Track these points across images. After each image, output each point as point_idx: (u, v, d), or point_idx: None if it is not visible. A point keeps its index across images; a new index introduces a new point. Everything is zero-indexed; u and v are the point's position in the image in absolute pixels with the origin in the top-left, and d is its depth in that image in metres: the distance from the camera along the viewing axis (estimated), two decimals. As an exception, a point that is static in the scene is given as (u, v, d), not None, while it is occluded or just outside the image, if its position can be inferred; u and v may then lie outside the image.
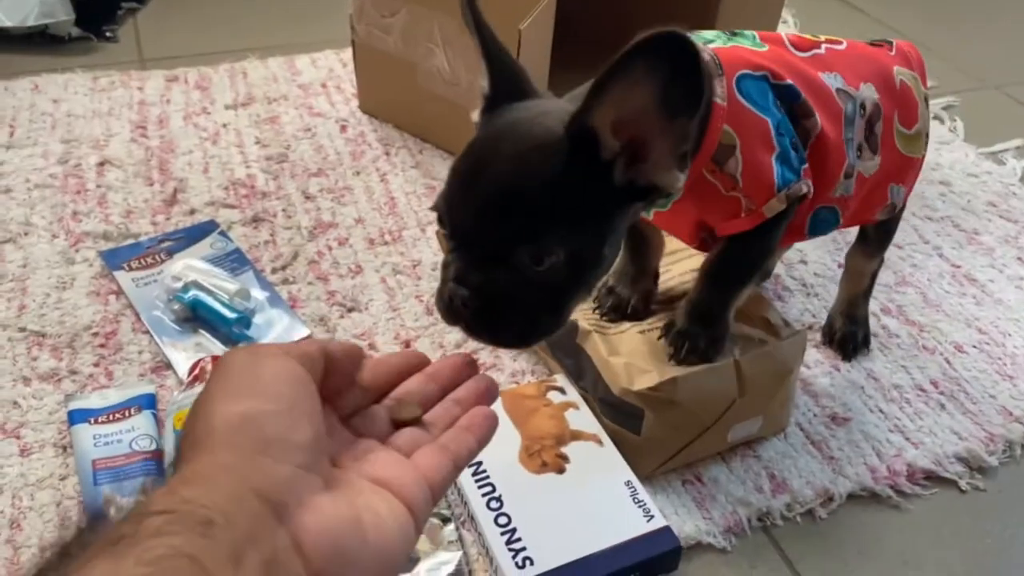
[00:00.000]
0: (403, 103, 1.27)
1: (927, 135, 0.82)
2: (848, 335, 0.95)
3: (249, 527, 0.32)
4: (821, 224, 0.78)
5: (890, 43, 0.81)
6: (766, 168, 0.68)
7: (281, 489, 0.34)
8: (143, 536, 0.29)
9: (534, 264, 0.57)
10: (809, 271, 1.07)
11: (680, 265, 0.92)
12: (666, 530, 0.72)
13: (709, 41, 0.71)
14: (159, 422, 0.81)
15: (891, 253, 0.99)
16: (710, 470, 0.82)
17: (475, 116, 0.66)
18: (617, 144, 0.56)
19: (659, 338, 0.79)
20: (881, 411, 0.89)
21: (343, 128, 1.29)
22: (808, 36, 0.75)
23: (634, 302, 0.86)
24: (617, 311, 0.85)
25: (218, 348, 0.91)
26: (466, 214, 0.58)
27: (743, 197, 0.69)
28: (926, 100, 0.81)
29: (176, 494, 0.32)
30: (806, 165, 0.71)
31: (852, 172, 0.75)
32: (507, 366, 0.91)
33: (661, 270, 0.88)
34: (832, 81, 0.73)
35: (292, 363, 0.40)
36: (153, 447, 0.78)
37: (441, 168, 1.22)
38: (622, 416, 0.78)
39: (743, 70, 0.68)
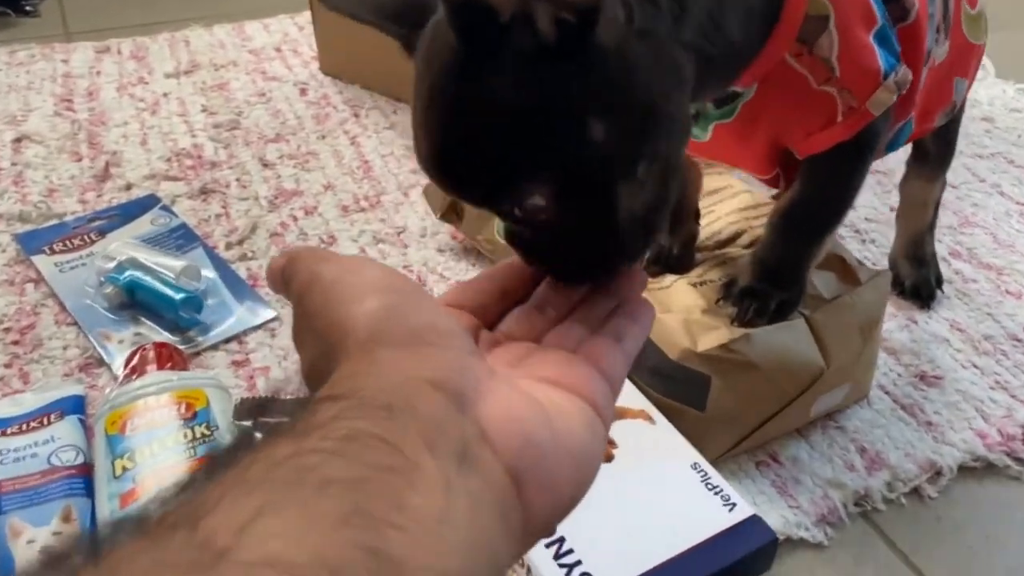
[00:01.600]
0: (372, 59, 1.09)
1: (986, 19, 0.67)
2: (920, 280, 0.80)
3: (433, 414, 0.26)
4: (900, 138, 0.63)
5: None
6: (867, 49, 0.52)
7: (455, 376, 0.28)
8: (320, 423, 0.24)
9: (532, 223, 0.38)
10: (859, 216, 0.92)
11: (724, 205, 0.76)
12: (755, 520, 0.55)
13: None
14: (88, 429, 0.63)
15: (947, 194, 0.85)
16: (787, 447, 0.66)
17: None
18: None
19: (718, 300, 0.63)
20: (976, 366, 0.74)
21: (303, 91, 1.12)
22: None
23: (676, 250, 0.70)
24: (657, 262, 0.69)
25: (163, 338, 0.73)
26: (440, 176, 0.39)
27: (840, 91, 0.53)
28: None
29: (341, 385, 0.27)
30: (898, 51, 0.56)
31: (927, 60, 0.60)
32: (522, 339, 0.74)
33: (703, 212, 0.72)
34: None
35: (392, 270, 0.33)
36: (80, 460, 0.60)
37: (420, 128, 1.05)
38: (679, 387, 0.62)
39: None
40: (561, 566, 0.52)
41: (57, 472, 0.58)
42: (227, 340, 0.73)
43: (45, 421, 0.63)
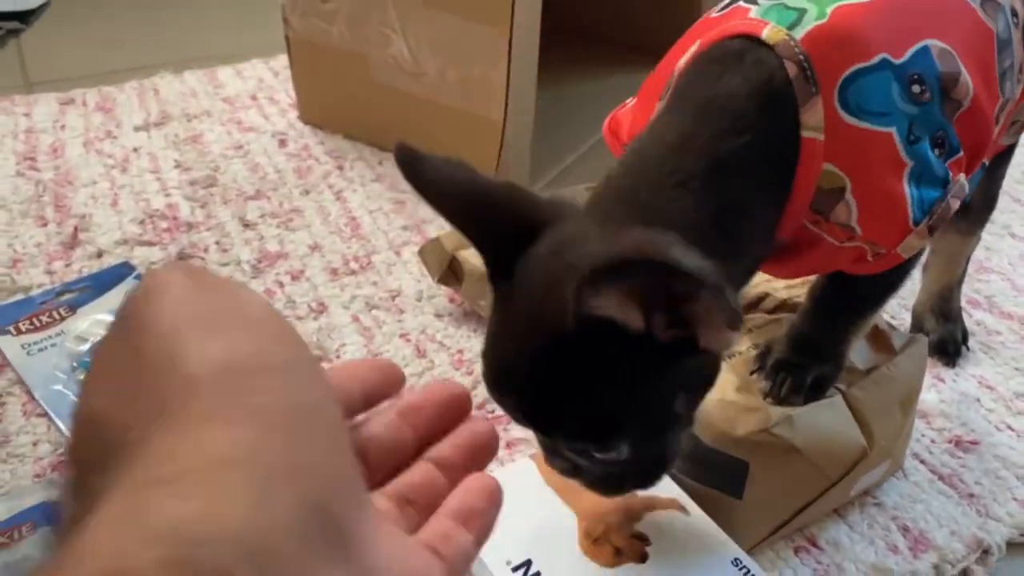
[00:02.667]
0: (354, 106, 1.05)
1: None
2: (946, 336, 0.77)
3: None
4: (974, 182, 0.59)
5: None
6: (895, 200, 0.49)
7: (338, 498, 0.21)
8: None
9: (603, 461, 0.46)
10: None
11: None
12: (808, 628, 0.51)
13: (792, 22, 0.49)
14: (64, 544, 0.57)
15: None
16: (826, 529, 0.62)
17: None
18: (640, 317, 0.40)
19: (752, 372, 0.59)
20: (1011, 428, 0.71)
21: (282, 142, 1.07)
22: None
23: (699, 319, 0.66)
24: (678, 330, 0.65)
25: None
26: (514, 408, 0.46)
27: (865, 243, 0.51)
28: None
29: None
30: (958, 155, 0.52)
31: (1005, 108, 0.57)
32: (534, 415, 0.69)
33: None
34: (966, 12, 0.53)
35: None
36: (56, 584, 0.53)
37: (408, 179, 1.00)
38: (714, 473, 0.57)
39: (853, 66, 0.49)
40: None
41: (31, 600, 0.52)
42: (214, 428, 0.67)
43: (15, 535, 0.56)
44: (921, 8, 0.53)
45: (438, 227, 0.92)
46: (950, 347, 0.76)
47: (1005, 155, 0.68)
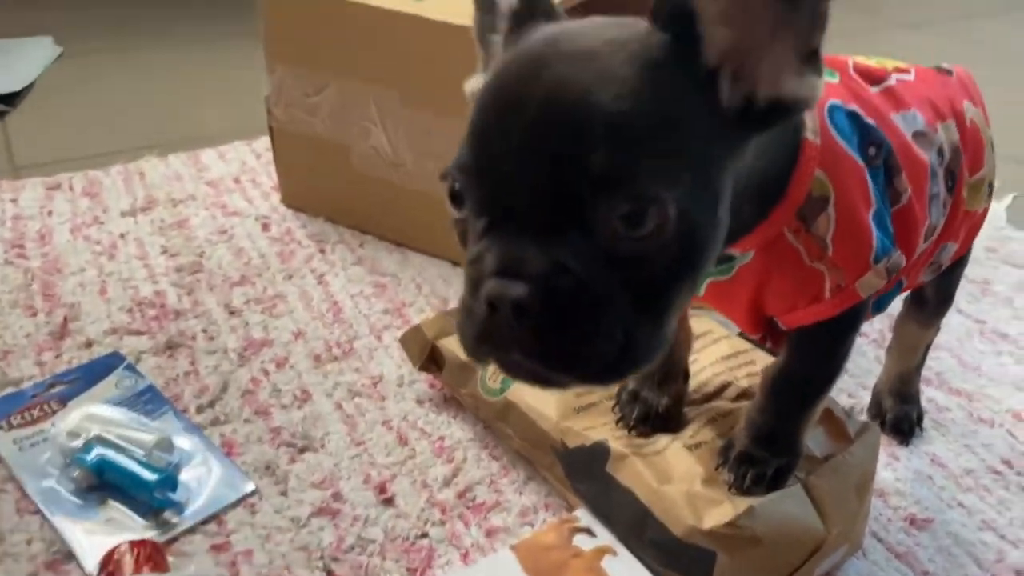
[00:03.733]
0: (335, 192, 1.09)
1: (991, 184, 0.69)
2: (902, 416, 0.81)
3: None
4: (886, 299, 0.65)
5: (949, 71, 0.68)
6: (864, 230, 0.53)
7: None
8: None
9: (631, 226, 0.39)
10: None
11: (707, 353, 0.76)
12: None
13: None
14: (61, 644, 0.59)
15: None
16: (790, 611, 0.65)
17: (472, 82, 0.52)
18: (725, 32, 0.41)
19: (717, 467, 0.63)
20: (961, 505, 0.75)
21: (265, 226, 1.11)
22: (872, 62, 0.62)
23: (664, 407, 0.69)
24: (647, 421, 0.69)
25: (136, 523, 0.69)
26: (512, 157, 0.40)
27: (829, 269, 0.54)
28: (991, 143, 0.69)
29: None
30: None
31: (933, 233, 0.62)
32: (512, 503, 0.72)
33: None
34: (910, 123, 0.59)
35: None
36: None
37: (388, 262, 1.04)
38: (683, 562, 0.61)
39: (833, 99, 0.55)
40: None
41: None
42: (205, 520, 0.70)
43: (13, 637, 0.58)
44: (878, 117, 0.58)
45: (418, 310, 0.96)
46: (905, 426, 0.81)
47: (964, 257, 0.73)
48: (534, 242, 0.40)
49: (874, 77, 0.60)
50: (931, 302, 0.76)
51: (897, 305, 0.80)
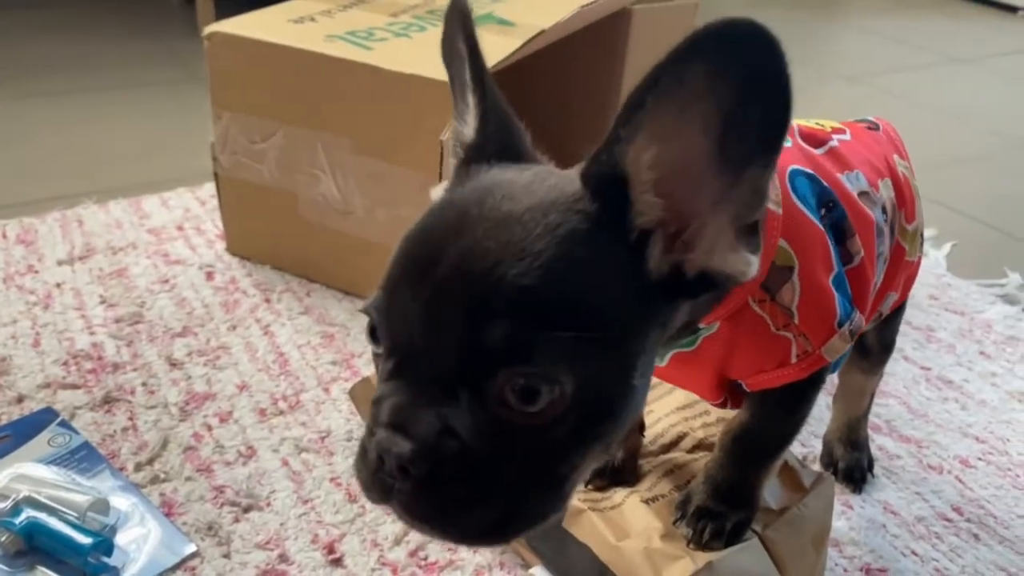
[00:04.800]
0: (282, 239, 1.07)
1: (922, 234, 0.71)
2: (853, 464, 0.81)
3: None
4: (842, 357, 0.65)
5: (876, 125, 0.70)
6: (827, 296, 0.53)
7: None
8: None
9: (523, 401, 0.39)
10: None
11: (661, 404, 0.76)
12: None
13: None
14: None
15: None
16: (750, 668, 0.64)
17: (435, 191, 0.49)
18: (657, 201, 0.40)
19: (675, 521, 0.62)
20: (915, 553, 0.75)
21: (209, 275, 1.08)
22: (812, 124, 0.64)
23: (620, 461, 0.68)
24: (603, 475, 0.68)
25: (67, 592, 0.65)
26: (418, 311, 0.40)
27: (796, 336, 0.54)
28: (918, 193, 0.70)
29: None
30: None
31: (873, 291, 0.63)
32: (467, 561, 0.70)
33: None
34: (855, 183, 0.60)
35: None
36: None
37: (337, 311, 1.02)
38: (643, 618, 0.59)
39: (793, 164, 0.55)
40: None
41: None
42: (141, 587, 0.66)
43: None
44: (828, 179, 0.59)
45: (367, 360, 0.94)
46: (857, 474, 0.81)
47: (903, 305, 0.74)
48: (428, 400, 0.40)
49: (817, 140, 0.61)
50: (874, 350, 0.77)
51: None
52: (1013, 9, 2.71)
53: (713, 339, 0.54)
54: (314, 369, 0.93)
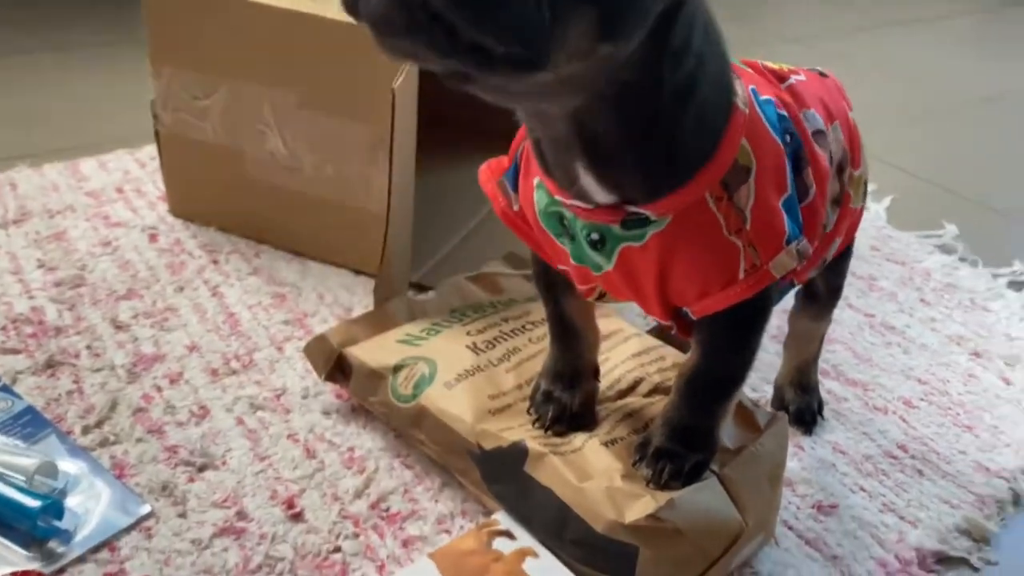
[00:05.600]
0: (228, 199, 1.05)
1: (866, 183, 0.73)
2: (804, 406, 0.83)
3: None
4: (782, 293, 0.66)
5: (825, 75, 0.71)
6: (777, 212, 0.54)
7: None
8: None
9: None
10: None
11: (617, 352, 0.77)
12: None
13: None
14: None
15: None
16: (709, 603, 0.65)
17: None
18: None
19: (634, 463, 0.63)
20: (864, 489, 0.77)
21: (153, 237, 1.05)
22: (771, 64, 0.64)
23: (578, 406, 0.69)
24: (561, 420, 0.68)
25: (18, 555, 0.64)
26: None
27: (746, 245, 0.54)
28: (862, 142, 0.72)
29: None
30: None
31: (825, 230, 0.64)
32: (428, 511, 0.70)
33: (598, 358, 0.72)
34: (811, 122, 0.61)
35: None
36: None
37: (287, 272, 1.00)
38: (605, 559, 0.60)
39: (752, 84, 0.56)
40: None
41: None
42: (95, 548, 0.65)
43: None
44: (787, 109, 0.60)
45: (321, 321, 0.93)
46: (807, 416, 0.83)
47: (849, 250, 0.76)
48: None
49: (779, 76, 0.62)
50: (822, 295, 0.79)
51: (790, 300, 0.82)
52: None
53: (661, 238, 0.54)
54: (266, 329, 0.91)
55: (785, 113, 0.59)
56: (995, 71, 2.00)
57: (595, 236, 0.56)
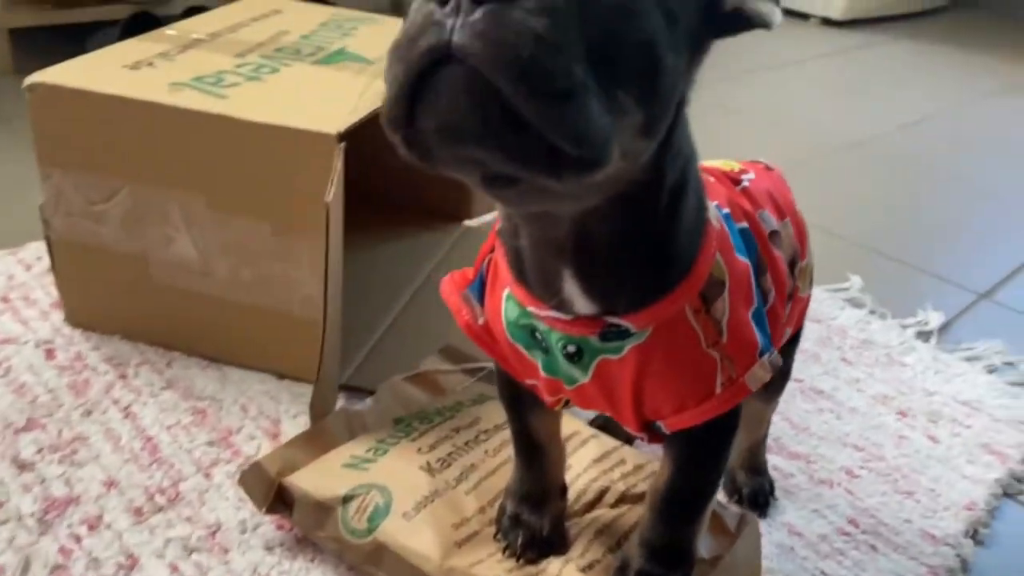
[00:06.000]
0: (133, 307, 0.97)
1: (812, 269, 0.74)
2: (757, 488, 0.84)
3: None
4: None
5: (768, 166, 0.72)
6: (748, 325, 0.54)
7: None
8: None
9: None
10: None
11: (578, 457, 0.75)
12: None
13: None
14: None
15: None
16: None
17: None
18: None
19: None
20: (824, 573, 0.78)
21: (50, 353, 0.96)
22: (722, 165, 0.64)
23: (548, 529, 0.66)
24: (532, 546, 0.66)
25: None
26: None
27: (722, 359, 0.53)
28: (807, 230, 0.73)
29: None
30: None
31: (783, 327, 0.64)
32: (396, 655, 0.66)
33: (559, 467, 0.70)
34: (766, 223, 0.61)
35: None
36: None
37: (204, 382, 0.93)
38: None
39: (721, 206, 0.55)
40: None
41: None
42: None
43: None
44: (748, 218, 0.59)
45: (248, 437, 0.86)
46: (761, 499, 0.83)
47: (798, 334, 0.77)
48: None
49: (733, 179, 0.62)
50: (773, 378, 0.79)
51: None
52: (805, 16, 2.92)
53: (641, 348, 0.53)
54: (189, 453, 0.84)
55: (746, 225, 0.59)
56: (855, 115, 2.09)
57: (572, 348, 0.54)
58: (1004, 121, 2.14)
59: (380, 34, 1.12)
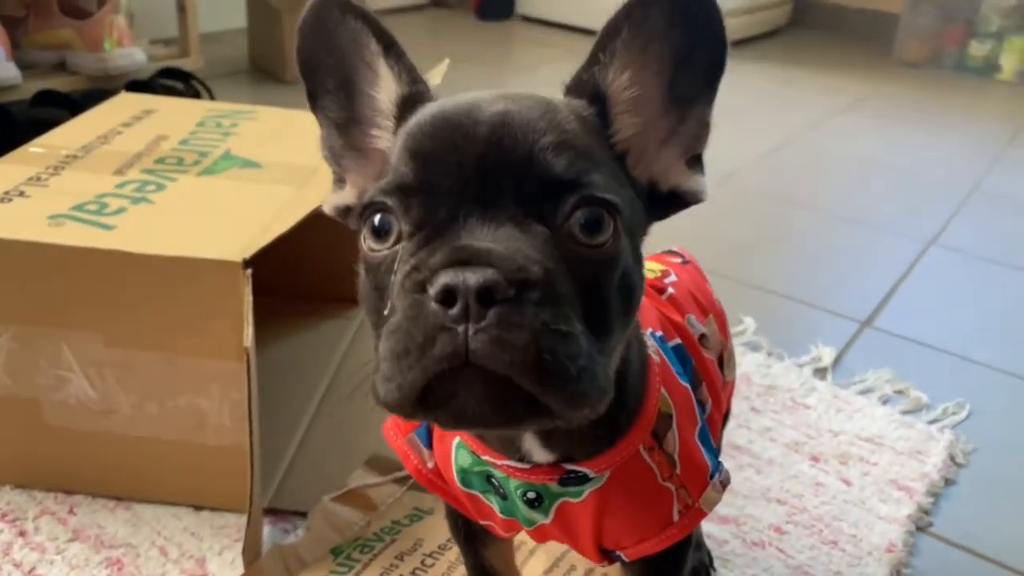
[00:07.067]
0: (25, 453, 0.90)
1: (733, 353, 0.76)
2: (698, 564, 0.85)
3: None
4: None
5: (681, 256, 0.74)
6: (695, 449, 0.55)
7: None
8: None
9: (589, 232, 0.42)
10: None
11: (529, 568, 0.74)
12: None
13: None
14: None
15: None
16: None
17: (330, 201, 0.55)
18: (633, 121, 0.47)
19: None
20: (773, 644, 0.80)
21: (-68, 516, 0.87)
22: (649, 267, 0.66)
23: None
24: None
25: None
26: (468, 167, 0.42)
27: (677, 488, 0.55)
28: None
29: None
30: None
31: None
32: None
33: None
34: (694, 328, 0.63)
35: None
36: None
37: (114, 526, 0.87)
38: None
39: (652, 328, 0.56)
40: None
41: None
42: None
43: None
44: (677, 329, 0.61)
45: (173, 583, 0.81)
46: (702, 573, 0.85)
47: (726, 416, 0.79)
48: (494, 237, 0.40)
49: (657, 288, 0.64)
50: None
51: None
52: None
53: (600, 492, 0.53)
54: (110, 612, 0.78)
55: (679, 341, 0.60)
56: (717, 148, 2.18)
57: (532, 495, 0.54)
58: (857, 137, 2.28)
59: (262, 132, 1.08)
